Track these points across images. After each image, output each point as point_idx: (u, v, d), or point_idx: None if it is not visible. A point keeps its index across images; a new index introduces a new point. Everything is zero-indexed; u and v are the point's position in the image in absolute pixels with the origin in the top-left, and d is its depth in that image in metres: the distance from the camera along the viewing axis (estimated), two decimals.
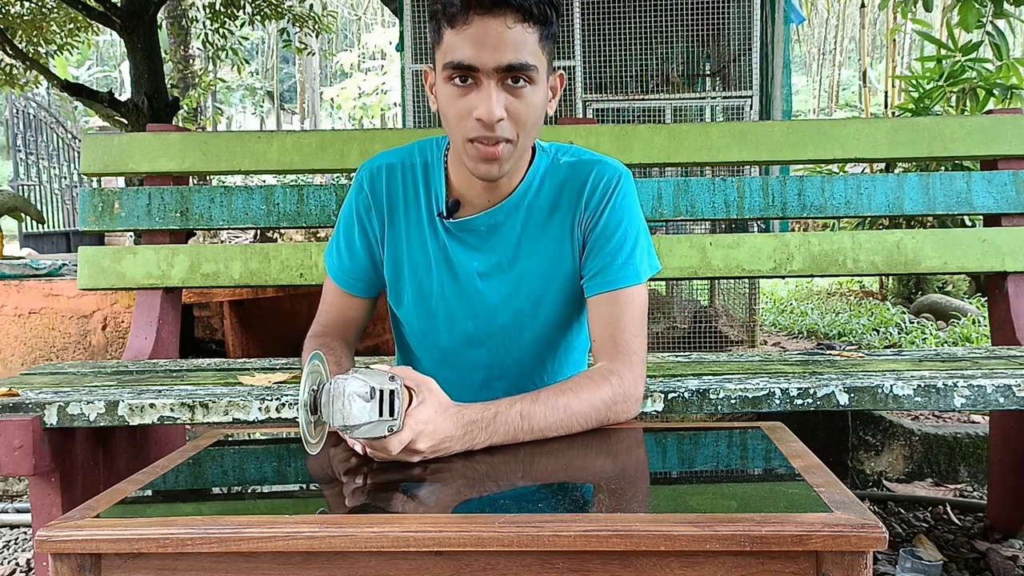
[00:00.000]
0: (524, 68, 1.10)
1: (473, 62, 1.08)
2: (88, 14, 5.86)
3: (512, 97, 1.11)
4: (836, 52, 23.91)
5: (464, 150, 1.15)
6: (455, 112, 1.13)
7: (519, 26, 1.08)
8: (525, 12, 1.08)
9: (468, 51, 1.08)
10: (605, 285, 1.22)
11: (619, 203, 1.23)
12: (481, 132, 1.11)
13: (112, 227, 2.13)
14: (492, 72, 1.09)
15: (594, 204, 1.23)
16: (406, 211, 1.29)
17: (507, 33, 1.08)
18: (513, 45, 1.08)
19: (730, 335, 4.45)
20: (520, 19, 1.08)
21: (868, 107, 7.11)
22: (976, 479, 2.48)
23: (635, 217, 1.25)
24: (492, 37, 1.08)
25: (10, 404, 1.49)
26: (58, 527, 0.80)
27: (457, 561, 0.78)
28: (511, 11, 1.08)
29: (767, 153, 2.13)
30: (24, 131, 9.05)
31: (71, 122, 12.85)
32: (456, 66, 1.10)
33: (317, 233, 5.76)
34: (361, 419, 0.93)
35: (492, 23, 1.07)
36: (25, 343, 2.76)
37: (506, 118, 1.11)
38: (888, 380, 1.53)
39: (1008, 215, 2.08)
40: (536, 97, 1.14)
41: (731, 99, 4.46)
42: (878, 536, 0.75)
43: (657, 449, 1.12)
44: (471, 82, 1.11)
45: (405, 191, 1.29)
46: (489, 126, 1.10)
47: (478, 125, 1.11)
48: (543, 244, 1.26)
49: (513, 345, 1.31)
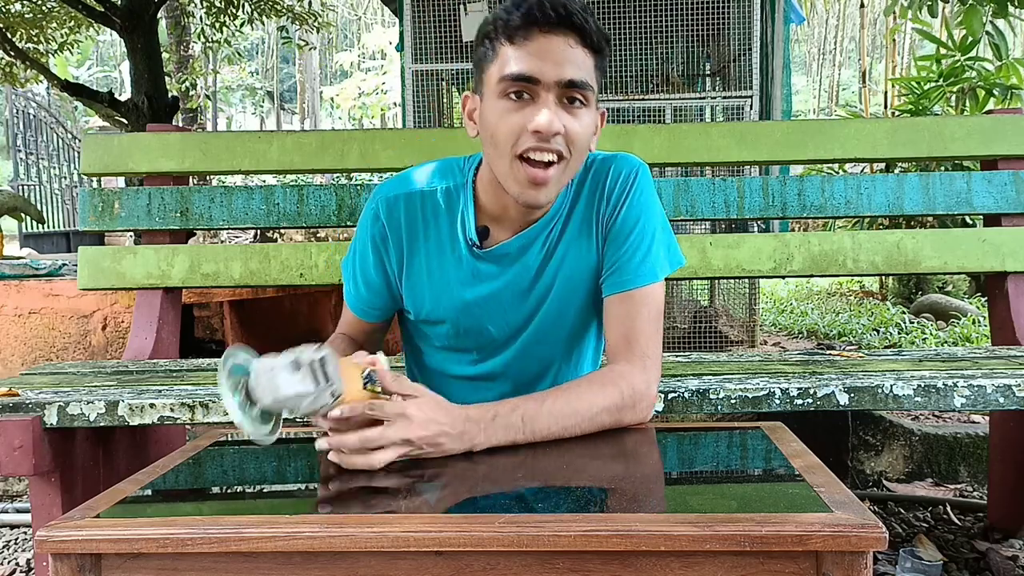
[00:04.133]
0: (583, 86, 1.10)
1: (535, 73, 1.08)
2: (88, 14, 5.85)
3: (568, 116, 1.10)
4: (836, 52, 23.91)
5: (511, 171, 1.12)
6: (507, 127, 1.10)
7: (579, 48, 1.09)
8: (586, 36, 1.09)
9: (530, 63, 1.08)
10: (621, 285, 1.20)
11: (636, 199, 1.22)
12: (535, 143, 1.09)
13: (112, 227, 2.13)
14: (552, 86, 1.08)
15: (614, 201, 1.22)
16: (426, 239, 1.26)
17: (569, 51, 1.08)
18: (576, 62, 1.09)
19: (730, 335, 4.45)
20: (580, 42, 1.09)
21: (868, 107, 7.10)
22: (976, 479, 2.48)
23: (653, 212, 1.23)
24: (555, 52, 1.08)
25: (10, 404, 1.49)
26: (58, 527, 0.80)
27: (457, 561, 0.78)
28: (573, 32, 1.08)
29: (767, 153, 2.13)
30: (24, 131, 9.04)
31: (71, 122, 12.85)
32: (516, 78, 1.08)
33: (317, 233, 5.75)
34: (292, 390, 0.92)
35: (555, 40, 1.08)
36: (25, 343, 2.76)
37: (562, 135, 1.09)
38: (888, 380, 1.53)
39: (1008, 215, 2.08)
40: (589, 119, 1.13)
41: (731, 99, 4.45)
42: (878, 536, 0.75)
43: (657, 449, 1.12)
44: (527, 97, 1.09)
45: (425, 220, 1.25)
46: (546, 137, 1.08)
47: (533, 137, 1.09)
48: (573, 250, 1.24)
49: (541, 351, 1.30)
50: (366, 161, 2.15)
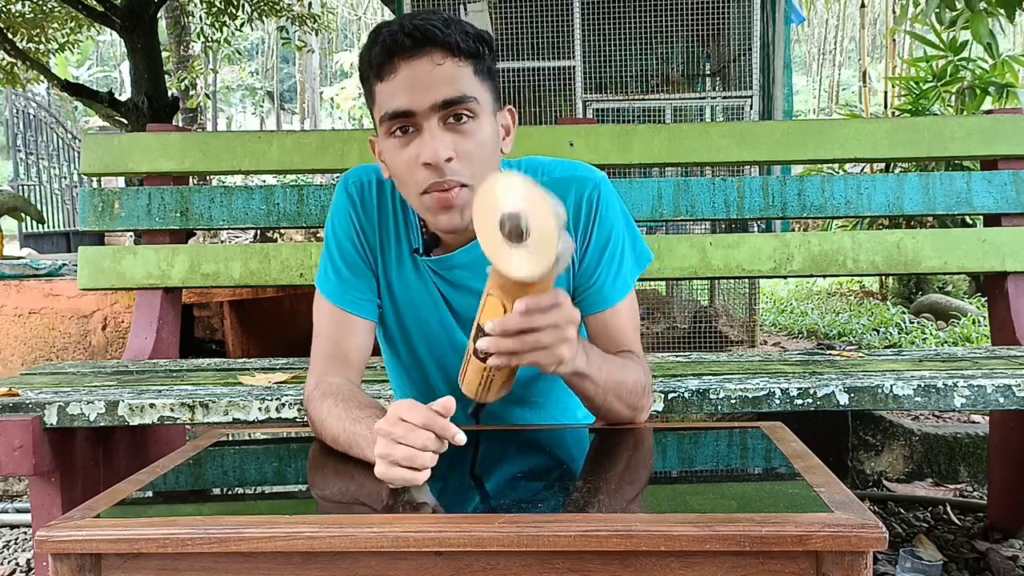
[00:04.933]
0: (462, 101, 1.04)
1: (407, 106, 1.03)
2: (88, 14, 5.86)
3: (457, 136, 1.04)
4: (836, 52, 23.91)
5: (421, 205, 1.08)
6: (401, 165, 1.06)
7: (448, 61, 1.03)
8: (451, 47, 1.03)
9: (401, 97, 1.03)
10: (600, 305, 1.18)
11: (603, 219, 1.17)
12: (432, 179, 1.04)
13: (112, 227, 2.13)
14: (429, 112, 1.03)
15: (581, 227, 1.16)
16: (397, 238, 1.20)
17: (436, 70, 1.03)
18: (446, 80, 1.03)
19: (730, 335, 4.45)
20: (448, 55, 1.03)
21: (868, 107, 7.10)
22: (976, 479, 2.48)
23: (618, 225, 1.19)
24: (422, 78, 1.02)
25: (10, 404, 1.49)
26: (58, 527, 0.80)
27: (457, 561, 0.78)
28: (437, 49, 1.03)
29: (767, 153, 2.13)
30: (24, 131, 9.04)
31: (71, 122, 12.85)
32: (392, 115, 1.04)
33: (317, 233, 5.75)
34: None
35: (419, 64, 1.03)
36: (25, 343, 2.76)
37: (455, 159, 1.04)
38: (888, 380, 1.54)
39: (1008, 215, 2.08)
40: (483, 133, 1.07)
41: (731, 99, 4.46)
42: (878, 536, 0.75)
43: (657, 449, 1.12)
44: (412, 131, 1.05)
45: (395, 211, 1.20)
46: (438, 169, 1.03)
47: (428, 172, 1.04)
48: None
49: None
50: (366, 161, 2.13)
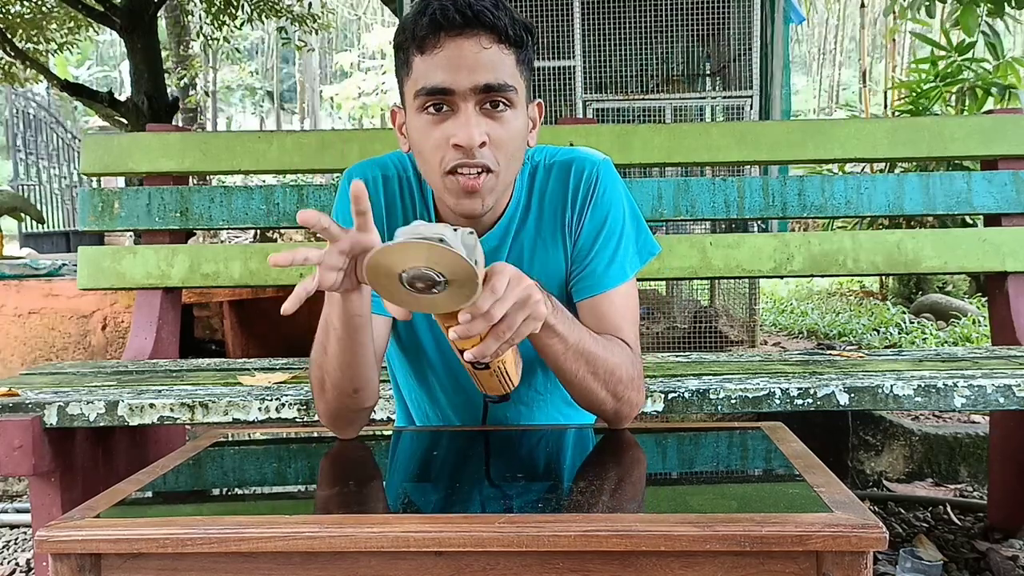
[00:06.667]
0: (503, 89, 1.02)
1: (448, 84, 1.00)
2: (88, 14, 5.87)
3: (492, 122, 1.03)
4: (836, 52, 23.92)
5: (443, 185, 1.05)
6: (431, 143, 1.04)
7: (494, 47, 1.01)
8: (500, 32, 1.01)
9: (442, 74, 1.00)
10: (591, 289, 1.16)
11: (601, 199, 1.15)
12: (461, 159, 1.02)
13: (112, 227, 2.13)
14: (469, 94, 1.01)
15: (578, 207, 1.15)
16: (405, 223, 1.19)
17: (483, 53, 1.01)
18: (490, 65, 1.01)
19: (730, 335, 4.45)
20: (495, 40, 1.01)
21: (868, 107, 7.11)
22: (976, 479, 2.48)
23: (619, 209, 1.17)
24: (467, 58, 1.00)
25: (10, 404, 1.49)
26: (58, 527, 0.80)
27: (457, 561, 0.78)
28: (485, 31, 1.01)
29: (767, 153, 2.13)
30: (24, 131, 9.04)
31: (71, 122, 12.86)
32: (430, 91, 1.01)
33: (317, 233, 5.74)
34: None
35: (466, 44, 1.00)
36: (25, 343, 2.76)
37: (488, 144, 1.02)
38: (888, 380, 1.54)
39: (1008, 215, 2.08)
40: (517, 122, 1.05)
41: (731, 99, 4.46)
42: (878, 536, 0.75)
43: (657, 449, 1.12)
44: (447, 109, 1.02)
45: (404, 207, 1.17)
46: (469, 151, 1.01)
47: (457, 153, 1.02)
48: (539, 259, 1.18)
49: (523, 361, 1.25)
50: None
